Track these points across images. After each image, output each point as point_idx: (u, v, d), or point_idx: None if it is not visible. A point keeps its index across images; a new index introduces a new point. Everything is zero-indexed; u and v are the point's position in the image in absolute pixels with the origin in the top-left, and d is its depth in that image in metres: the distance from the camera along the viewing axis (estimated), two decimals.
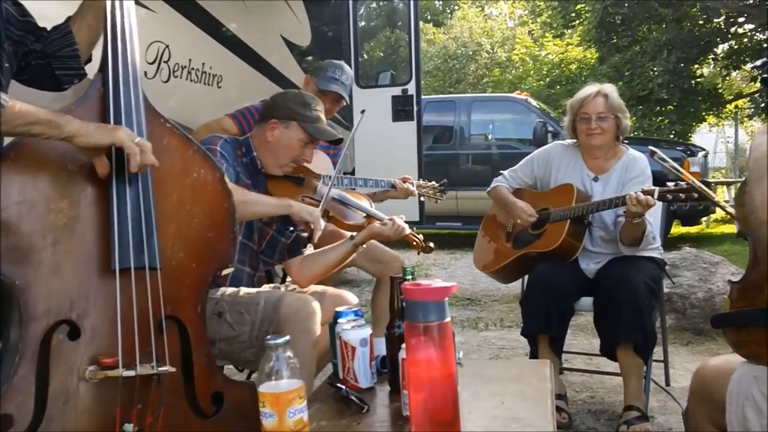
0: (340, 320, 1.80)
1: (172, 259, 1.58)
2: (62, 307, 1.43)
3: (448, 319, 1.25)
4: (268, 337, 1.37)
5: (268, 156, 2.40)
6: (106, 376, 1.42)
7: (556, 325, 2.76)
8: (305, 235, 2.41)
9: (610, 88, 2.91)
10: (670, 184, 2.56)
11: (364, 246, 2.43)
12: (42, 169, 1.45)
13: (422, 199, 3.39)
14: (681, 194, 2.51)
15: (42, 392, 1.40)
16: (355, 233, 2.44)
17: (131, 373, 1.42)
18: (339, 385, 1.70)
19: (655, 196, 2.55)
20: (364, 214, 2.57)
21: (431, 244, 2.57)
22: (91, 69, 1.71)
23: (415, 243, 2.51)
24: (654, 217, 2.84)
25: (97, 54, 1.68)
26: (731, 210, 2.54)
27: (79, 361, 1.43)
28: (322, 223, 2.35)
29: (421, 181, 3.43)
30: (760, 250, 1.46)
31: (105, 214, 1.50)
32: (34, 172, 1.44)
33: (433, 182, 3.43)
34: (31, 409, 1.38)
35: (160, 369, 1.46)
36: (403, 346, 1.46)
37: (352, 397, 1.61)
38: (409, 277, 1.71)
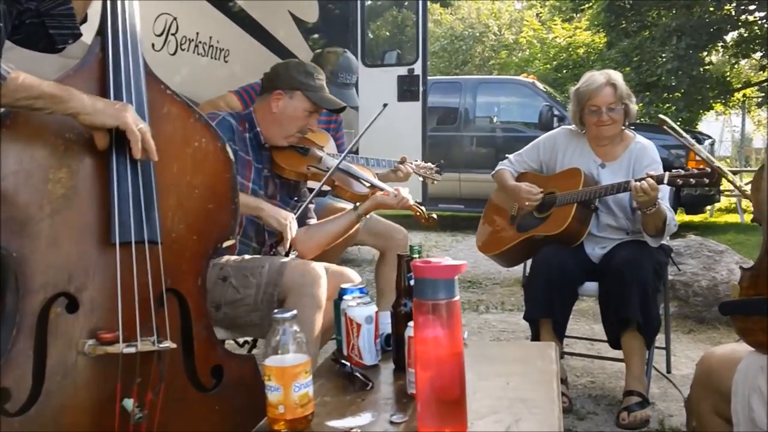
0: (345, 297, 1.78)
1: (172, 231, 1.55)
2: (60, 280, 1.40)
3: (457, 298, 1.24)
4: (275, 311, 1.36)
5: (273, 127, 2.38)
6: (105, 352, 1.39)
7: (559, 310, 2.75)
8: (276, 239, 2.39)
9: (616, 75, 2.86)
10: (678, 170, 2.55)
11: (368, 216, 2.43)
12: (39, 137, 1.41)
13: (420, 179, 3.37)
14: (691, 179, 2.50)
15: (40, 366, 1.37)
16: (358, 203, 2.46)
17: (131, 350, 1.40)
18: (343, 361, 1.69)
19: (665, 181, 2.53)
20: (369, 185, 2.57)
21: (434, 215, 2.60)
22: (87, 29, 1.66)
23: (418, 214, 2.55)
24: (663, 201, 2.82)
25: (93, 15, 1.63)
26: (738, 182, 2.53)
27: (77, 335, 1.41)
28: (294, 229, 2.30)
29: (419, 162, 3.41)
30: None
31: (104, 184, 1.46)
32: (31, 140, 1.40)
33: (429, 163, 3.41)
34: (29, 383, 1.36)
35: (161, 345, 1.43)
36: (410, 324, 1.45)
37: (357, 374, 1.61)
38: (416, 255, 1.70)
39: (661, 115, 2.76)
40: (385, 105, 2.89)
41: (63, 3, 1.63)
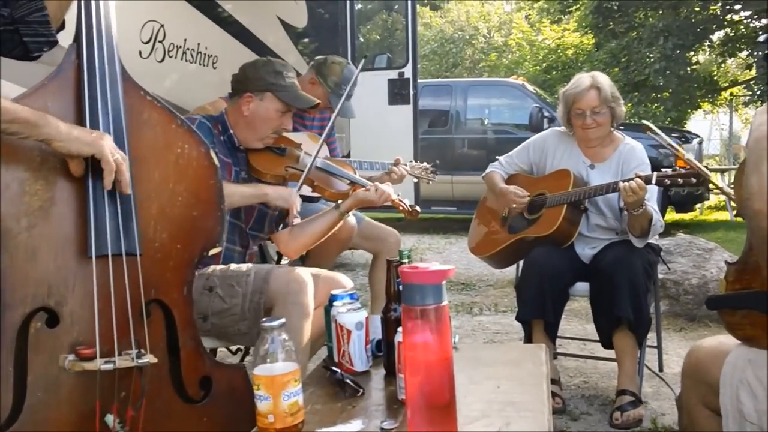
0: (335, 303, 1.78)
1: (155, 241, 1.52)
2: (39, 294, 1.37)
3: (445, 303, 1.24)
4: (264, 319, 1.36)
5: (246, 131, 2.34)
6: (83, 368, 1.36)
7: (551, 311, 2.75)
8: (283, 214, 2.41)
9: (602, 79, 2.87)
10: (666, 170, 2.57)
11: (350, 214, 2.43)
12: (15, 149, 1.37)
13: (415, 180, 3.37)
14: (679, 179, 2.51)
15: (21, 382, 1.35)
16: (340, 201, 2.44)
17: (109, 366, 1.37)
18: (334, 368, 1.69)
19: (653, 181, 2.55)
20: (349, 181, 2.55)
21: (417, 208, 2.56)
22: (67, 36, 1.63)
23: (401, 208, 2.51)
24: (650, 202, 2.84)
25: (71, 20, 1.59)
26: (726, 189, 2.54)
27: (58, 350, 1.38)
28: (299, 203, 2.33)
29: (414, 163, 3.41)
30: (754, 238, 1.45)
31: (82, 196, 1.43)
32: (6, 152, 1.36)
33: (425, 163, 3.41)
34: (9, 399, 1.34)
35: (140, 361, 1.40)
36: (400, 329, 1.45)
37: (348, 381, 1.60)
38: (406, 260, 1.69)
39: (644, 121, 2.77)
40: (365, 56, 2.84)
41: (37, 9, 1.58)
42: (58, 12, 1.62)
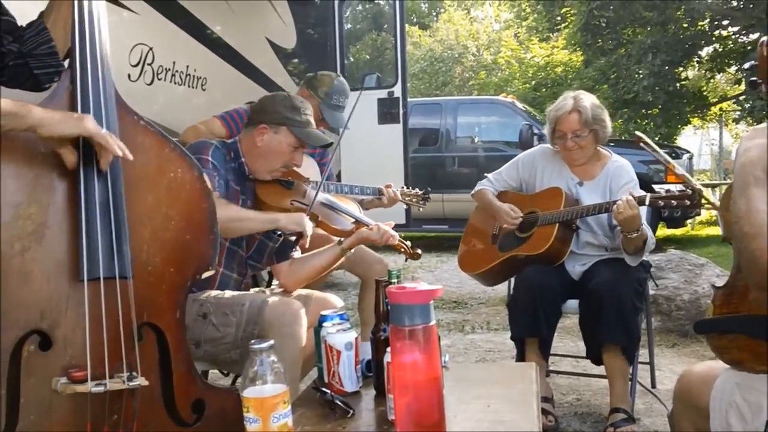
0: (325, 324, 1.78)
1: (148, 265, 1.52)
2: (32, 317, 1.37)
3: (433, 323, 1.24)
4: (252, 341, 1.36)
5: (257, 161, 2.35)
6: (74, 391, 1.35)
7: (545, 328, 2.74)
8: (293, 239, 2.38)
9: (586, 102, 2.85)
10: (657, 188, 2.57)
11: (353, 251, 2.42)
12: (8, 173, 1.37)
13: (405, 207, 3.36)
14: (672, 201, 2.52)
15: (13, 405, 1.34)
16: (343, 238, 2.43)
17: (100, 389, 1.36)
18: (324, 389, 1.68)
19: (647, 203, 2.55)
20: (353, 219, 2.55)
21: (419, 251, 2.55)
22: None
23: (402, 249, 2.51)
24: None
25: None
26: (718, 204, 2.55)
27: (51, 373, 1.37)
28: (310, 227, 2.32)
29: (405, 189, 3.42)
30: (741, 260, 1.46)
31: (75, 219, 1.43)
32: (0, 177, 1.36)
33: (417, 189, 3.42)
34: (2, 423, 1.33)
35: (131, 384, 1.39)
36: (389, 349, 1.45)
37: (337, 402, 1.60)
38: (395, 280, 1.69)
39: (637, 132, 2.77)
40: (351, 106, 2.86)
41: (44, 42, 1.61)
42: (64, 41, 1.65)
